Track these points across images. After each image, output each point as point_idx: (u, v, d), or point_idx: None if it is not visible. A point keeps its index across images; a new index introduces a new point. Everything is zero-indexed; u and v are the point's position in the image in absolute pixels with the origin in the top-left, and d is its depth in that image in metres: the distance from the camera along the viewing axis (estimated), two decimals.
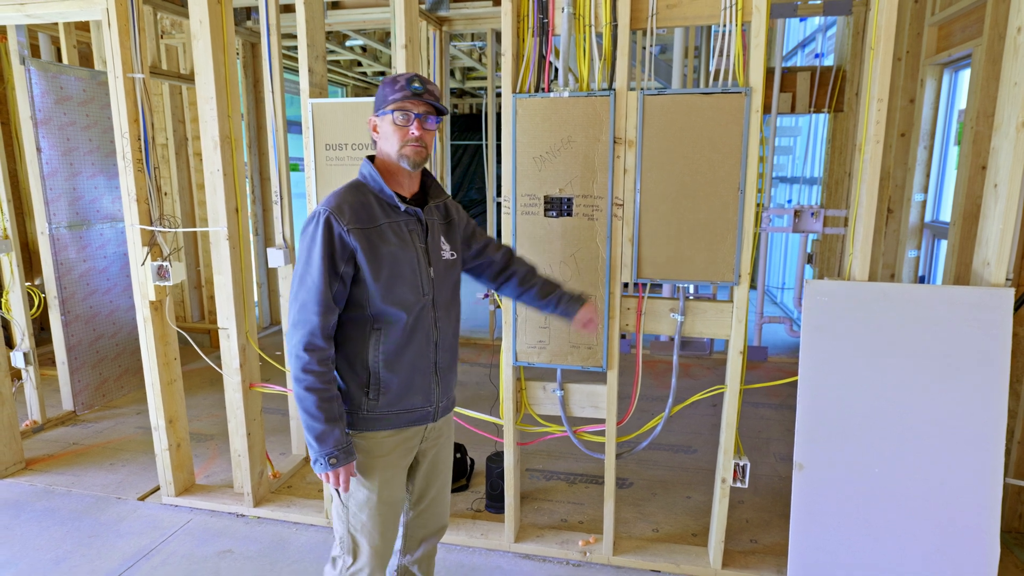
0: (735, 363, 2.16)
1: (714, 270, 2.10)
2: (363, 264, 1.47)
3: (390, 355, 1.54)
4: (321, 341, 1.45)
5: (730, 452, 2.22)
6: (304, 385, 1.45)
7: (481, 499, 2.87)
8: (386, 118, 1.51)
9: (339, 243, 1.45)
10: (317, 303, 1.44)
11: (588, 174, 2.11)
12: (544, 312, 1.85)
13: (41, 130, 3.52)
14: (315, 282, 1.44)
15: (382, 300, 1.50)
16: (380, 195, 1.53)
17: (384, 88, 1.51)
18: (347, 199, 1.49)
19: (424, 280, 1.56)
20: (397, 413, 1.58)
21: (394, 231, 1.51)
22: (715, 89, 1.98)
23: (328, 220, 1.45)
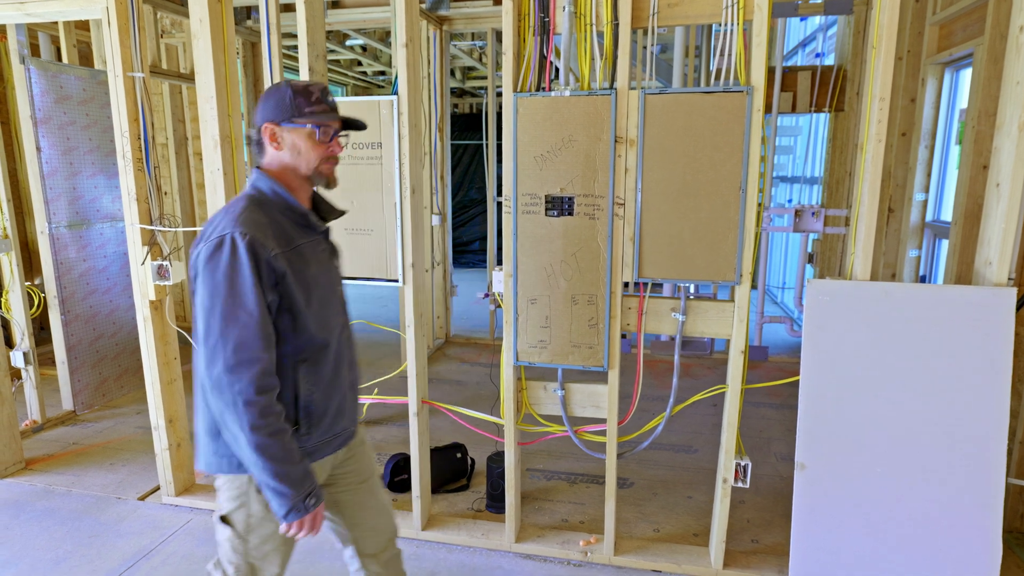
0: (737, 363, 2.16)
1: (716, 269, 2.09)
2: (292, 291, 1.33)
3: (322, 384, 1.42)
4: (273, 378, 1.29)
5: (731, 452, 2.22)
6: (267, 432, 1.26)
7: (482, 499, 2.87)
8: (301, 131, 1.37)
9: (267, 270, 1.28)
10: (260, 338, 1.26)
11: (589, 173, 2.11)
12: None
13: (41, 129, 3.52)
14: (254, 316, 1.25)
15: (316, 330, 1.38)
16: (288, 213, 1.39)
17: (296, 97, 1.36)
18: (254, 217, 1.31)
19: (342, 301, 1.52)
20: (327, 441, 1.46)
21: (311, 252, 1.40)
22: (717, 88, 1.98)
23: (252, 245, 1.26)
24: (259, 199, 1.38)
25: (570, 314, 2.21)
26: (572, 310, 2.21)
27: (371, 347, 5.34)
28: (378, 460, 3.26)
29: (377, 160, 2.28)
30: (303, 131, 1.38)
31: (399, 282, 2.35)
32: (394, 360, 4.98)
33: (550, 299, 2.22)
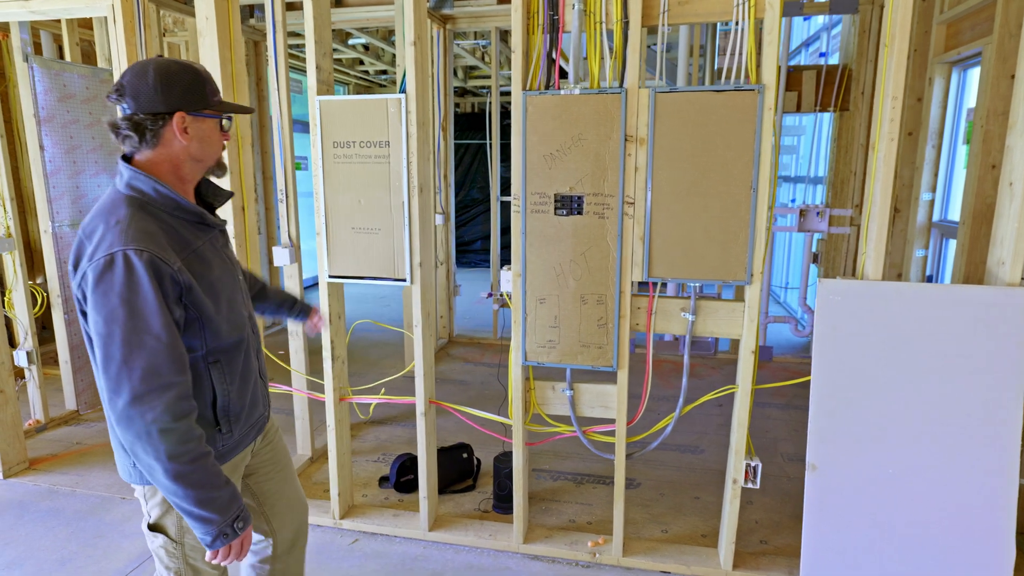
0: (747, 363, 2.15)
1: (726, 269, 2.08)
2: (198, 300, 1.24)
3: (237, 382, 1.39)
4: (190, 402, 1.20)
5: (741, 452, 2.21)
6: (188, 458, 1.17)
7: (488, 499, 2.86)
8: (209, 122, 1.29)
9: (171, 286, 1.18)
10: (173, 361, 1.17)
11: (599, 172, 2.09)
12: (279, 318, 1.87)
13: (44, 128, 3.50)
14: (163, 340, 1.15)
15: (226, 332, 1.33)
16: (179, 214, 1.27)
17: (207, 85, 1.28)
18: (144, 226, 1.19)
19: (245, 294, 1.46)
20: (246, 432, 1.46)
21: (211, 252, 1.32)
22: (728, 87, 1.97)
23: (153, 262, 1.15)
24: (141, 201, 1.23)
25: (579, 314, 2.20)
26: (581, 310, 2.20)
27: (374, 347, 5.33)
28: (383, 460, 3.25)
29: (384, 159, 2.26)
30: (212, 122, 1.30)
31: (407, 281, 2.34)
32: (397, 360, 4.97)
33: (559, 299, 2.20)
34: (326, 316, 2.45)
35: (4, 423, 3.03)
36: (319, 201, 2.36)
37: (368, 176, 2.29)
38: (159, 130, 1.24)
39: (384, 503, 2.82)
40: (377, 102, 2.23)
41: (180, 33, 5.38)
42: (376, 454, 3.32)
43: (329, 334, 2.46)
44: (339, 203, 2.34)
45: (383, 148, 2.26)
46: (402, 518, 2.64)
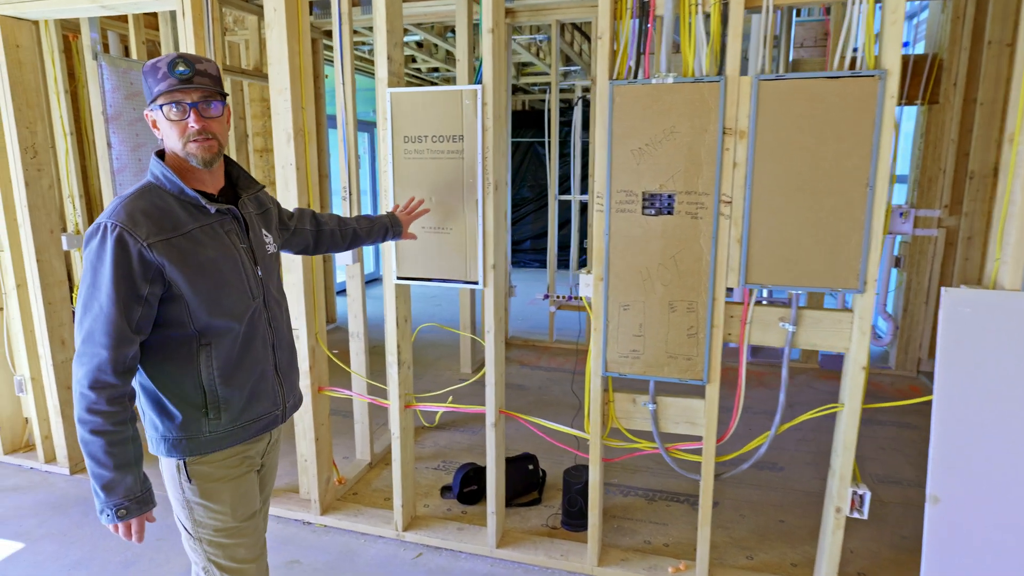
0: (856, 380, 1.93)
1: (835, 275, 1.87)
2: (177, 279, 1.28)
3: (226, 369, 1.38)
4: (112, 377, 1.24)
5: (847, 479, 2.00)
6: (90, 428, 1.25)
7: (556, 515, 2.71)
8: (159, 113, 1.30)
9: (139, 263, 1.24)
10: (107, 334, 1.23)
11: (692, 168, 1.92)
12: (375, 243, 2.06)
13: (111, 126, 3.52)
14: (104, 309, 1.23)
15: (209, 315, 1.33)
16: (181, 197, 1.33)
17: (146, 78, 1.30)
18: (138, 205, 1.27)
19: (252, 282, 1.42)
20: (244, 425, 1.43)
21: (209, 235, 1.34)
22: (844, 73, 1.76)
23: (121, 237, 1.22)
24: (149, 185, 1.33)
25: (667, 322, 2.03)
26: (669, 318, 2.02)
27: (429, 347, 5.25)
28: (443, 467, 3.14)
29: (458, 154, 2.14)
30: (160, 113, 1.30)
31: (479, 284, 2.21)
32: (452, 361, 4.87)
33: (645, 305, 2.04)
34: (392, 319, 2.35)
35: (71, 419, 3.04)
36: (388, 199, 2.25)
37: (440, 172, 2.17)
38: (152, 129, 1.35)
39: (447, 515, 2.70)
40: (451, 94, 2.10)
41: (240, 32, 5.41)
42: (436, 460, 3.22)
43: (395, 338, 2.35)
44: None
45: (457, 143, 2.13)
46: (467, 532, 2.52)
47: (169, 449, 1.37)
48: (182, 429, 1.36)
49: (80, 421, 1.26)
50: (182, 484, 1.40)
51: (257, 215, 1.52)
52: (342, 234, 1.93)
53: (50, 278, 2.93)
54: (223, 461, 1.43)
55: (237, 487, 1.45)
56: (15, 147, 2.76)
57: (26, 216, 2.82)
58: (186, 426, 1.36)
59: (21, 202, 2.82)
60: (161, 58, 1.29)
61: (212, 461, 1.41)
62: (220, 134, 1.34)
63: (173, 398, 1.35)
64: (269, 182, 5.61)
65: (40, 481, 3.00)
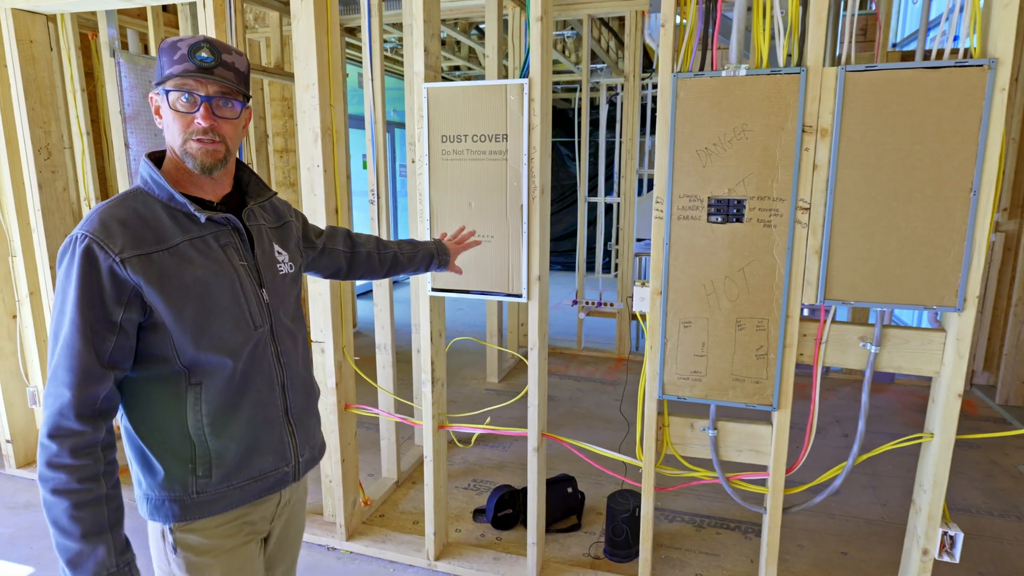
0: (951, 408, 1.72)
1: (930, 291, 1.66)
2: (156, 303, 1.05)
3: (218, 416, 1.13)
4: (76, 422, 1.01)
5: (936, 518, 1.78)
6: (51, 487, 1.00)
7: (598, 543, 2.51)
8: (164, 99, 1.09)
9: (109, 281, 1.01)
10: (69, 369, 1.00)
11: (766, 171, 1.72)
12: (417, 274, 1.82)
13: (129, 125, 3.38)
14: (69, 341, 1.00)
15: (195, 347, 1.08)
16: (170, 204, 1.10)
17: (161, 55, 1.09)
18: (116, 213, 1.05)
19: (254, 308, 1.16)
20: (241, 486, 1.17)
21: (199, 250, 1.10)
22: (946, 62, 1.55)
23: (88, 250, 1.00)
24: (139, 190, 1.12)
25: (733, 341, 1.83)
26: (736, 336, 1.82)
27: (452, 355, 5.07)
28: (473, 487, 2.96)
29: (501, 155, 1.96)
30: (165, 99, 1.09)
31: (522, 297, 2.02)
32: (477, 370, 4.69)
33: (708, 322, 1.84)
34: (426, 334, 2.17)
35: None
36: (423, 203, 2.07)
37: (481, 175, 1.99)
38: (155, 117, 1.14)
39: (480, 541, 2.52)
40: (495, 88, 1.92)
41: (261, 29, 5.27)
42: (466, 479, 3.04)
43: (430, 354, 2.18)
44: (446, 205, 2.05)
45: (500, 142, 1.95)
46: (504, 563, 2.33)
47: (152, 511, 1.13)
48: (166, 488, 1.11)
49: (40, 479, 1.01)
50: (167, 554, 1.15)
51: (271, 228, 1.28)
52: (380, 258, 1.66)
53: None
54: (216, 529, 1.16)
55: (231, 560, 1.18)
56: (28, 148, 2.63)
57: (39, 220, 2.68)
58: (170, 484, 1.11)
59: (34, 205, 2.68)
60: (184, 37, 1.09)
61: (202, 529, 1.14)
62: (230, 138, 1.12)
63: (156, 449, 1.11)
64: (290, 184, 5.47)
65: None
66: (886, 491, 2.92)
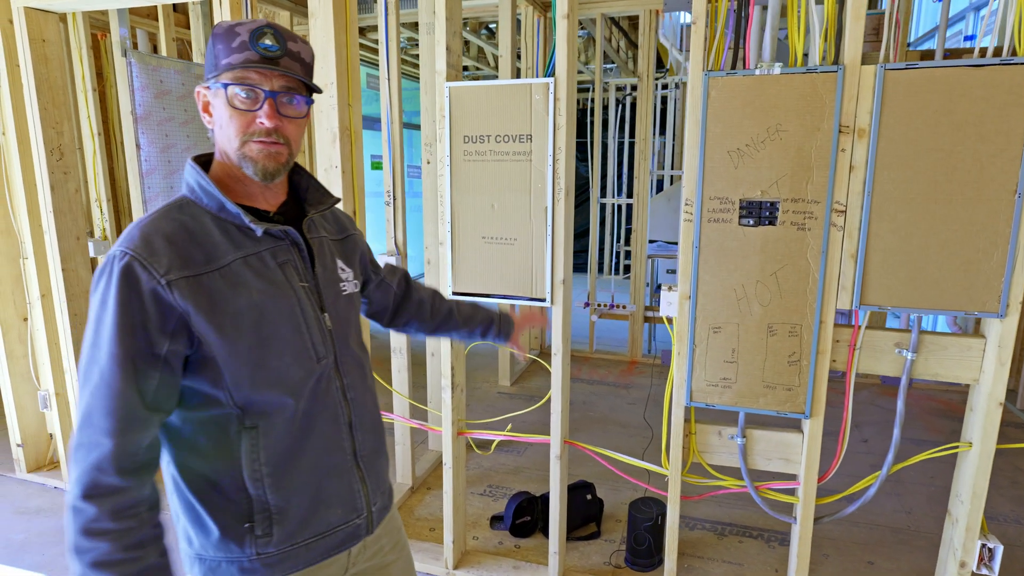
0: (991, 417, 1.67)
1: (970, 297, 1.61)
2: (206, 334, 0.89)
3: (278, 465, 0.97)
4: (117, 478, 0.85)
5: (975, 530, 1.73)
6: (90, 559, 0.83)
7: (618, 551, 2.47)
8: (219, 93, 0.94)
9: (153, 307, 0.86)
10: (109, 414, 0.84)
11: (801, 172, 1.67)
12: (469, 342, 1.53)
13: (140, 126, 3.35)
14: (106, 377, 0.85)
15: (251, 385, 0.93)
16: (220, 215, 0.96)
17: (215, 42, 0.93)
18: (161, 227, 0.91)
19: (316, 337, 1.00)
20: (308, 544, 1.01)
21: (255, 269, 0.95)
22: (990, 60, 1.50)
23: (129, 269, 0.86)
24: (186, 200, 0.97)
25: (764, 347, 1.78)
26: (768, 342, 1.78)
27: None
28: (490, 493, 2.92)
29: (525, 156, 1.91)
30: (220, 93, 0.93)
31: (545, 301, 1.98)
32: (488, 373, 4.64)
33: (739, 328, 1.79)
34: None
35: None
36: (443, 205, 2.03)
37: (504, 176, 1.94)
38: (202, 114, 1.00)
39: (499, 548, 2.48)
40: (519, 88, 1.88)
41: None
42: (482, 485, 2.99)
43: (450, 359, 2.13)
44: (468, 208, 2.00)
45: (524, 143, 1.90)
46: (524, 572, 2.29)
47: (206, 573, 0.99)
48: (220, 548, 0.96)
49: (76, 552, 0.84)
50: None
51: (333, 241, 1.12)
52: (433, 310, 1.39)
53: (76, 288, 2.75)
54: None
55: None
56: (40, 148, 2.60)
57: (51, 222, 2.65)
58: (225, 545, 0.96)
59: (46, 207, 2.65)
60: (242, 21, 0.93)
61: None
62: (294, 140, 0.98)
63: (208, 504, 0.95)
64: None
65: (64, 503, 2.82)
66: (911, 498, 2.87)
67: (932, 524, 2.66)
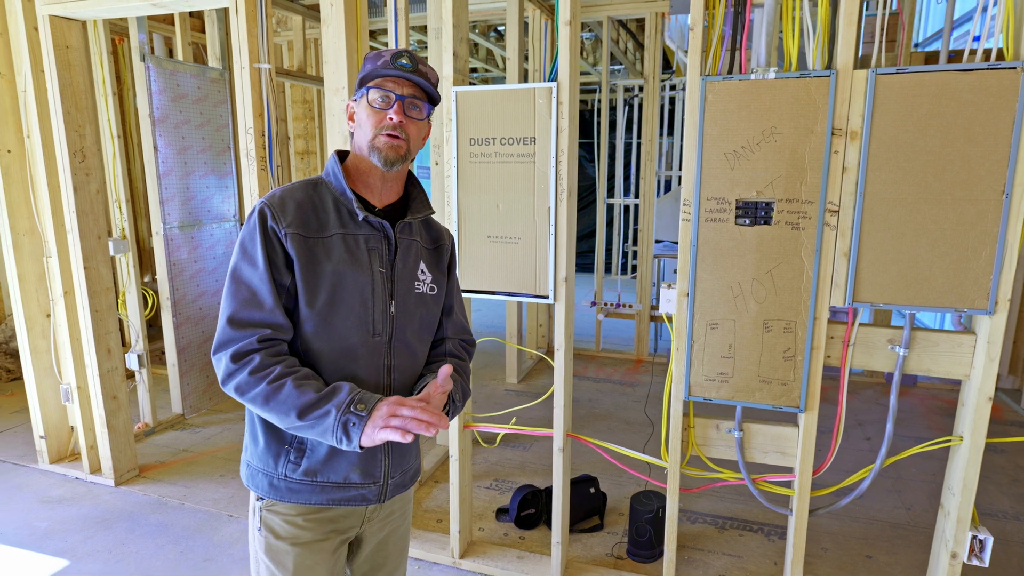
0: (981, 412, 1.72)
1: (959, 294, 1.66)
2: (298, 280, 1.12)
3: None
4: (276, 337, 1.09)
5: (966, 521, 1.78)
6: (268, 377, 1.05)
7: (620, 543, 2.53)
8: (362, 101, 1.17)
9: (277, 244, 1.11)
10: (264, 294, 1.09)
11: (795, 174, 1.72)
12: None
13: (158, 129, 3.45)
14: (257, 276, 1.09)
15: (315, 332, 1.13)
16: (340, 198, 1.18)
17: (365, 64, 1.18)
18: (295, 195, 1.16)
19: (378, 315, 1.17)
20: (323, 487, 1.17)
21: (348, 246, 1.16)
22: (978, 64, 1.55)
23: (263, 212, 1.11)
24: (318, 179, 1.22)
25: (760, 343, 1.84)
26: (763, 338, 1.83)
27: None
28: (495, 486, 2.99)
29: (529, 158, 1.98)
30: (364, 99, 1.17)
31: (548, 299, 2.04)
32: (496, 370, 4.71)
33: (735, 324, 1.85)
34: None
35: (116, 430, 2.97)
36: (451, 206, 2.10)
37: (509, 178, 2.01)
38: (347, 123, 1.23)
39: (504, 540, 2.55)
40: (523, 92, 1.95)
41: (284, 33, 5.35)
42: (488, 479, 3.06)
43: None
44: (474, 208, 2.08)
45: (527, 145, 1.97)
46: (528, 561, 2.36)
47: (248, 477, 1.21)
48: (261, 459, 1.18)
49: (239, 388, 1.06)
50: (254, 528, 1.21)
51: (425, 248, 1.28)
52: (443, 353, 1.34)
53: (97, 285, 2.85)
54: (297, 518, 1.18)
55: (306, 554, 1.19)
56: (64, 151, 2.69)
57: (74, 222, 2.75)
58: (265, 458, 1.17)
59: (69, 207, 2.75)
60: (387, 49, 1.18)
61: (284, 513, 1.18)
62: (413, 139, 1.18)
63: (265, 421, 1.16)
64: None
65: (85, 492, 2.92)
66: (910, 494, 2.91)
67: (931, 520, 2.69)
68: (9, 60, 2.74)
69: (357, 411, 1.03)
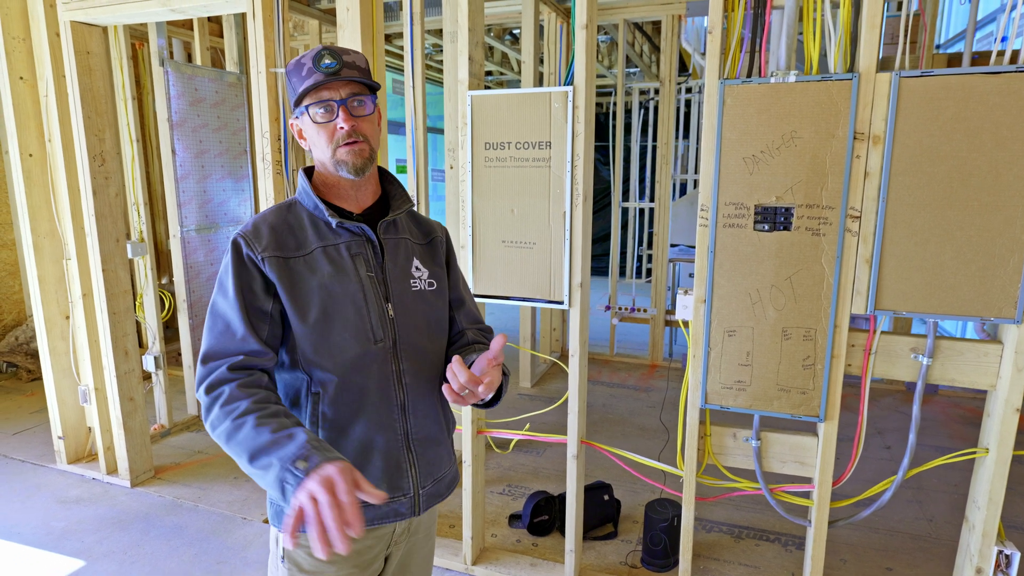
0: (1008, 423, 1.67)
1: (986, 302, 1.62)
2: (285, 303, 1.09)
3: (332, 430, 1.11)
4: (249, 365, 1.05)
5: (991, 536, 1.73)
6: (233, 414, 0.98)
7: (634, 551, 2.50)
8: (304, 118, 1.12)
9: (255, 270, 1.08)
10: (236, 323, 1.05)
11: (816, 179, 1.69)
12: None
13: (176, 132, 3.49)
14: (230, 308, 1.06)
15: (314, 351, 1.10)
16: (315, 212, 1.15)
17: (290, 78, 1.12)
18: (268, 220, 1.13)
19: (375, 320, 1.13)
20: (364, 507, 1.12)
21: (330, 257, 1.13)
22: (1006, 67, 1.51)
23: (236, 244, 1.09)
24: (291, 201, 1.19)
25: (779, 350, 1.80)
26: (782, 346, 1.80)
27: None
28: (508, 492, 2.97)
29: (544, 162, 1.96)
30: (306, 116, 1.12)
31: (563, 304, 2.02)
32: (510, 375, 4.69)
33: (754, 331, 1.82)
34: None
35: (132, 431, 2.99)
36: (465, 210, 2.09)
37: (524, 182, 2.00)
38: (299, 140, 1.19)
39: (516, 546, 2.53)
40: (539, 96, 1.93)
41: (300, 37, 5.38)
42: (501, 485, 3.04)
43: None
44: (489, 212, 2.06)
45: (543, 150, 1.96)
46: (541, 569, 2.33)
47: (272, 515, 1.16)
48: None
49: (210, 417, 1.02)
50: (275, 557, 1.17)
51: (417, 244, 1.24)
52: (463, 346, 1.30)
53: (115, 288, 2.88)
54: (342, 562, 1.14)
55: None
56: (84, 155, 2.72)
57: (93, 225, 2.78)
58: None
59: (88, 211, 2.78)
60: (304, 54, 1.11)
61: (308, 546, 1.12)
62: (371, 136, 1.13)
63: None
64: None
65: (101, 493, 2.95)
66: (932, 506, 2.84)
67: (953, 532, 2.63)
68: (31, 65, 2.78)
69: (296, 470, 0.89)
